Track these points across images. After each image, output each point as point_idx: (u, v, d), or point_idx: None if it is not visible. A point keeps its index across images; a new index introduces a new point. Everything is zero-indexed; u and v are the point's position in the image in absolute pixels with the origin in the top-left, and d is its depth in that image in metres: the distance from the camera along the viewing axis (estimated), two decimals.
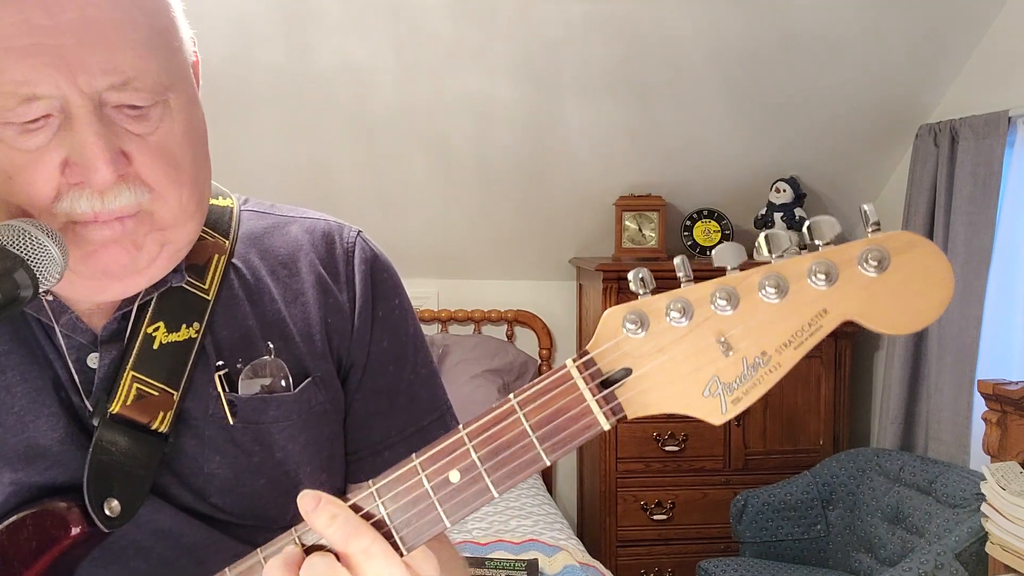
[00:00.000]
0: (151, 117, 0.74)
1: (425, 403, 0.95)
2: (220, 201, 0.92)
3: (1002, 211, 2.98)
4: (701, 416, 0.61)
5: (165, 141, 0.75)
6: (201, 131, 0.81)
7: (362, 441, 0.92)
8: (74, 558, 0.78)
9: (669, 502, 3.49)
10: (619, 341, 0.61)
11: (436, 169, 3.56)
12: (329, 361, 0.89)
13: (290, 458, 0.85)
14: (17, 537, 0.76)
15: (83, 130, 0.70)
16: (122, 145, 0.72)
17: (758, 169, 3.62)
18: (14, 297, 0.67)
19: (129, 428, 0.78)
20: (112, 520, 0.76)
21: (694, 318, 0.59)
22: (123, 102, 0.72)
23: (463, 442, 0.64)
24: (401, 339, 0.93)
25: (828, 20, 3.08)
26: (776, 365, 0.58)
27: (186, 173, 0.77)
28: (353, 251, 0.93)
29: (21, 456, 0.78)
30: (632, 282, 0.60)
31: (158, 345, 0.81)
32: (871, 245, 0.55)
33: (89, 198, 0.71)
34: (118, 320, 0.81)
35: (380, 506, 0.66)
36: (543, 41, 3.13)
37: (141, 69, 0.72)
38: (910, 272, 0.55)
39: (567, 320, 4.01)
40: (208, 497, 0.82)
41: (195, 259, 0.85)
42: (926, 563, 2.49)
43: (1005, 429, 2.47)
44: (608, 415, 0.62)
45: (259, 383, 0.84)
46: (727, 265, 0.59)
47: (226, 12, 2.88)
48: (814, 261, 0.56)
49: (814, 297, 0.57)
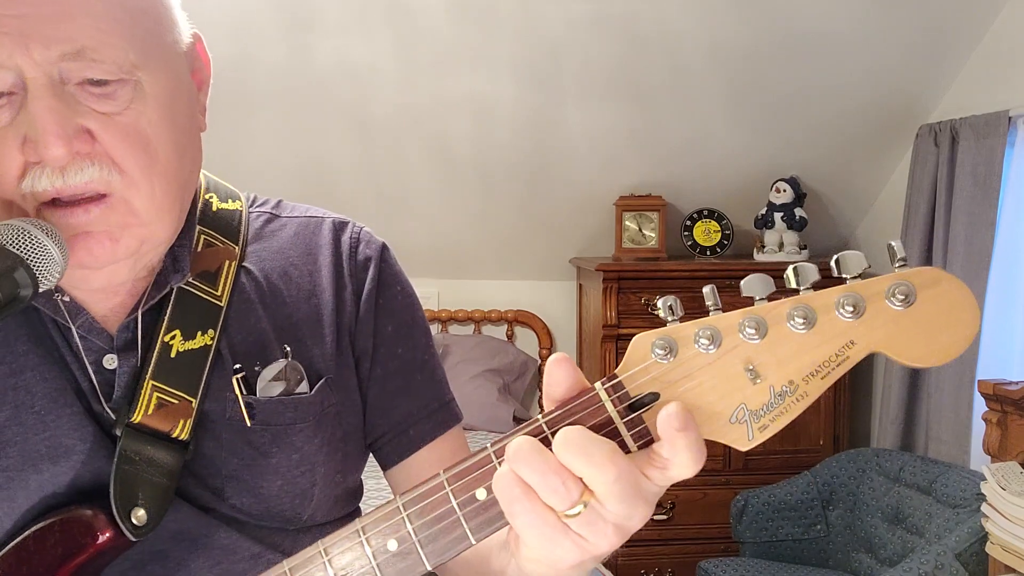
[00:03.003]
0: (118, 96, 0.73)
1: (443, 383, 0.96)
2: (229, 204, 0.92)
3: (1002, 211, 2.98)
4: (728, 442, 0.62)
5: (136, 123, 0.74)
6: (185, 126, 0.80)
7: (387, 423, 0.93)
8: (98, 565, 0.78)
9: (669, 502, 3.50)
10: (648, 366, 0.61)
11: (436, 169, 3.56)
12: (341, 359, 0.89)
13: (306, 459, 0.85)
14: (44, 543, 0.76)
15: (35, 104, 0.70)
16: (83, 122, 0.72)
17: (758, 169, 3.63)
18: (14, 296, 0.67)
19: (151, 437, 0.79)
20: (139, 529, 0.77)
21: (722, 346, 0.59)
22: (83, 76, 0.71)
23: (490, 459, 0.65)
24: (407, 322, 0.94)
25: (828, 20, 3.09)
26: (803, 394, 0.59)
27: (160, 163, 0.75)
28: (358, 245, 0.94)
29: (44, 456, 0.78)
30: (661, 309, 0.61)
31: (175, 353, 0.82)
32: (899, 280, 0.56)
33: (50, 176, 0.71)
34: (131, 325, 0.82)
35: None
36: (543, 41, 3.13)
37: (100, 41, 0.71)
38: (937, 307, 0.56)
39: (567, 320, 4.02)
40: (226, 498, 0.83)
41: (206, 266, 0.86)
42: (926, 563, 2.50)
43: (1005, 429, 2.48)
44: (634, 439, 0.62)
45: (276, 385, 0.85)
46: (755, 295, 0.59)
47: (226, 12, 2.88)
48: (842, 294, 0.57)
49: (842, 329, 0.57)
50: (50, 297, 0.80)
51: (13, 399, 0.79)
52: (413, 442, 0.93)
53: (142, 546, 0.80)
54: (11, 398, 0.79)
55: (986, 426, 2.54)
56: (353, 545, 0.67)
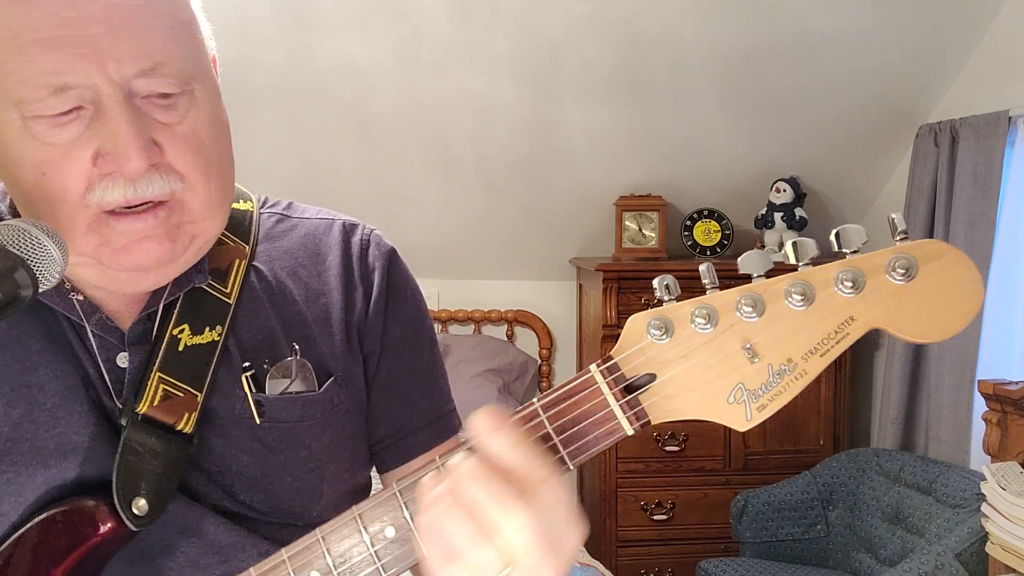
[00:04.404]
0: (179, 107, 0.75)
1: (444, 392, 0.97)
2: (241, 204, 0.93)
3: (1002, 211, 2.98)
4: (726, 423, 0.61)
5: (193, 130, 0.76)
6: (224, 123, 0.83)
7: (386, 429, 0.93)
8: (102, 556, 0.79)
9: (669, 502, 3.50)
10: (643, 346, 0.61)
11: (436, 169, 3.55)
12: (351, 358, 0.90)
13: (315, 456, 0.86)
14: (48, 534, 0.77)
15: (115, 119, 0.71)
16: (153, 134, 0.74)
17: (758, 169, 3.62)
18: (14, 296, 0.67)
19: (156, 428, 0.80)
20: (140, 519, 0.78)
21: (719, 324, 0.59)
22: (152, 90, 0.73)
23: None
24: (414, 327, 0.95)
25: (828, 20, 3.09)
26: (802, 372, 0.58)
27: (214, 163, 0.79)
28: (368, 247, 0.95)
29: (53, 452, 0.79)
30: (657, 288, 0.60)
31: (183, 347, 0.83)
32: (899, 253, 0.55)
33: (123, 187, 0.73)
34: (144, 320, 0.83)
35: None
36: (543, 41, 3.13)
37: (168, 55, 0.73)
38: (939, 280, 0.55)
39: (567, 320, 4.01)
40: (236, 495, 0.83)
41: (217, 263, 0.87)
42: (926, 563, 2.49)
43: (1005, 429, 2.48)
44: (632, 420, 0.62)
45: (285, 383, 0.86)
46: (753, 272, 0.58)
47: (227, 12, 2.88)
48: (841, 269, 0.56)
49: (841, 305, 0.57)
50: (64, 296, 0.81)
51: (26, 396, 0.80)
52: (411, 450, 0.94)
53: (152, 540, 0.80)
54: (24, 395, 0.80)
55: (986, 426, 2.53)
56: (351, 532, 0.67)
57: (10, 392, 0.79)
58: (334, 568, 0.68)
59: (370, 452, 0.95)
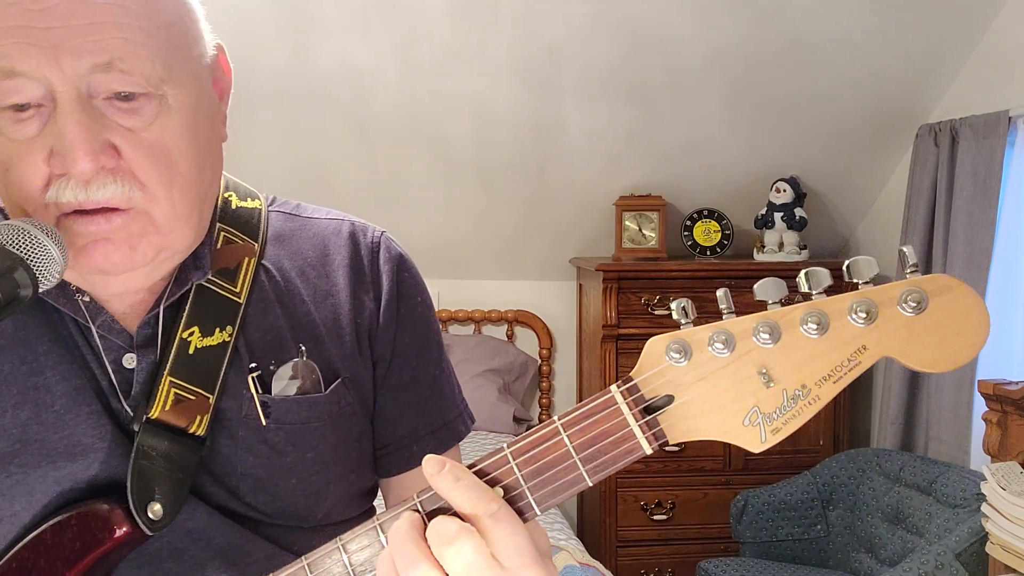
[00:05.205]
0: (144, 111, 0.73)
1: (449, 399, 0.97)
2: (249, 203, 0.93)
3: (1002, 211, 2.99)
4: (741, 444, 0.62)
5: (160, 139, 0.74)
6: (206, 138, 0.80)
7: (390, 435, 0.93)
8: (114, 560, 0.79)
9: (669, 502, 3.51)
10: (662, 369, 0.62)
11: (436, 169, 3.56)
12: (359, 360, 0.90)
13: (321, 458, 0.86)
14: (62, 536, 0.77)
15: (64, 119, 0.70)
16: (110, 137, 0.72)
17: (758, 169, 3.63)
18: (14, 296, 0.67)
19: (168, 432, 0.80)
20: (156, 523, 0.78)
21: (736, 349, 0.60)
22: (111, 89, 0.72)
23: (507, 460, 0.66)
24: (423, 334, 0.95)
25: (828, 20, 3.09)
26: (815, 398, 0.59)
27: (181, 175, 0.76)
28: (378, 250, 0.95)
29: (62, 454, 0.79)
30: (675, 311, 0.62)
31: (193, 350, 0.82)
32: (911, 287, 0.57)
33: (73, 188, 0.72)
34: (152, 322, 0.83)
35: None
36: (543, 41, 3.14)
37: (129, 52, 0.72)
38: (947, 313, 0.57)
39: (567, 320, 4.02)
40: (242, 496, 0.83)
41: (226, 263, 0.87)
42: (926, 563, 2.50)
43: (1005, 429, 2.49)
44: (651, 440, 0.64)
45: (292, 384, 0.86)
46: (768, 299, 0.59)
47: (226, 13, 2.88)
48: (855, 300, 0.58)
49: (854, 334, 0.58)
50: (71, 297, 0.81)
51: (34, 398, 0.80)
52: (416, 457, 0.94)
53: (159, 544, 0.80)
54: (32, 397, 0.80)
55: (986, 426, 2.54)
56: (372, 542, 0.68)
57: (18, 394, 0.79)
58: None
59: (374, 456, 0.95)
